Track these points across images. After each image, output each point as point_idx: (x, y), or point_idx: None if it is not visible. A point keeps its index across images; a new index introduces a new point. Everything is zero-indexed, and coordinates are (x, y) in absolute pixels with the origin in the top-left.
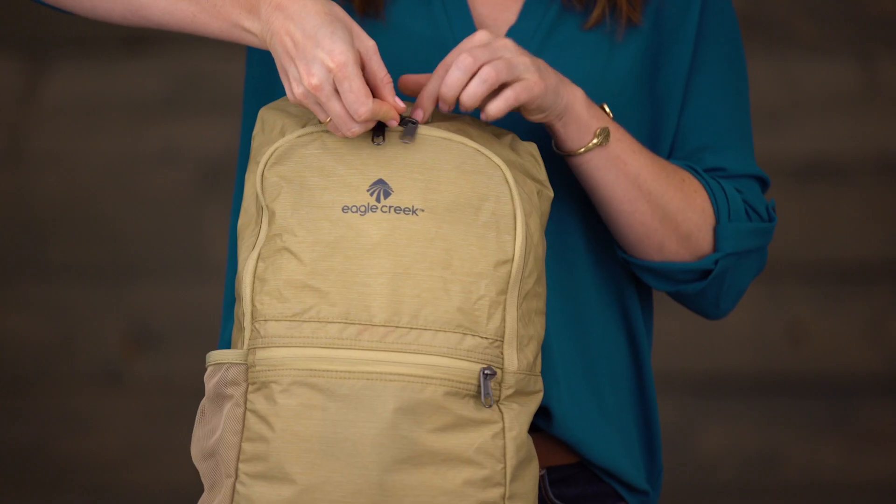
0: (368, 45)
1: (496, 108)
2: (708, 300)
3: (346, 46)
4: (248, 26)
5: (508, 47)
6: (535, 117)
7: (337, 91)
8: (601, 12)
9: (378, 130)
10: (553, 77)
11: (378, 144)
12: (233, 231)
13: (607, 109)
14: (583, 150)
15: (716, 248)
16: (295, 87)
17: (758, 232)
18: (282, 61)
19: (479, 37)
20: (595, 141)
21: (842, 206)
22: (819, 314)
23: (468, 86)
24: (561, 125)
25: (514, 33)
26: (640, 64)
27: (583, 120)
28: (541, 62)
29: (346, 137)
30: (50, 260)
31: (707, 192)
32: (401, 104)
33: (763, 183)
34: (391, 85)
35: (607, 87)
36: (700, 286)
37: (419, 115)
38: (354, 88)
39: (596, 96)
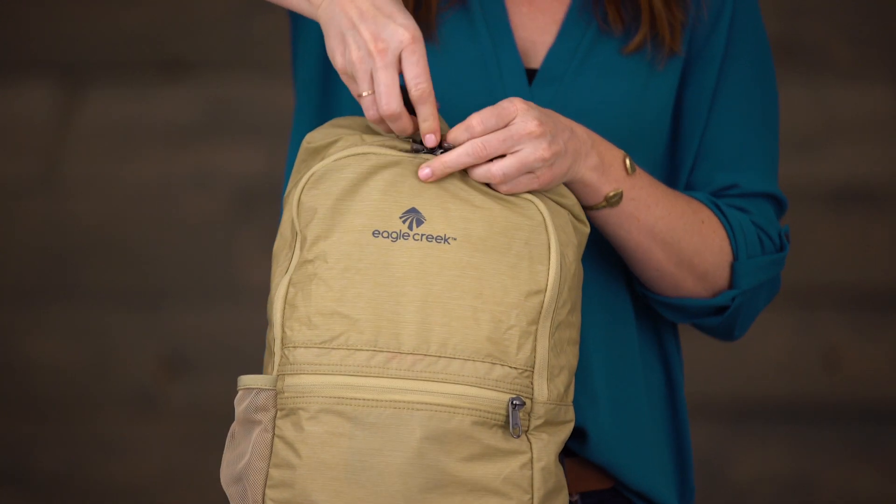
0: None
1: (497, 186)
2: (723, 330)
3: (414, 24)
4: None
5: (534, 136)
6: None
7: (396, 64)
8: (642, 39)
9: (418, 142)
10: (565, 162)
11: (416, 151)
12: None
13: (628, 164)
14: (592, 208)
15: (733, 284)
16: (353, 51)
17: (772, 263)
18: (340, 26)
19: (515, 109)
20: (603, 203)
21: (877, 231)
22: (853, 340)
23: (474, 168)
24: (570, 186)
25: (552, 55)
26: (675, 88)
27: (592, 187)
28: (566, 141)
29: (375, 122)
30: (84, 284)
31: (726, 230)
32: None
33: (779, 204)
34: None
35: (646, 112)
36: (717, 321)
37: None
38: (422, 63)
39: (634, 121)
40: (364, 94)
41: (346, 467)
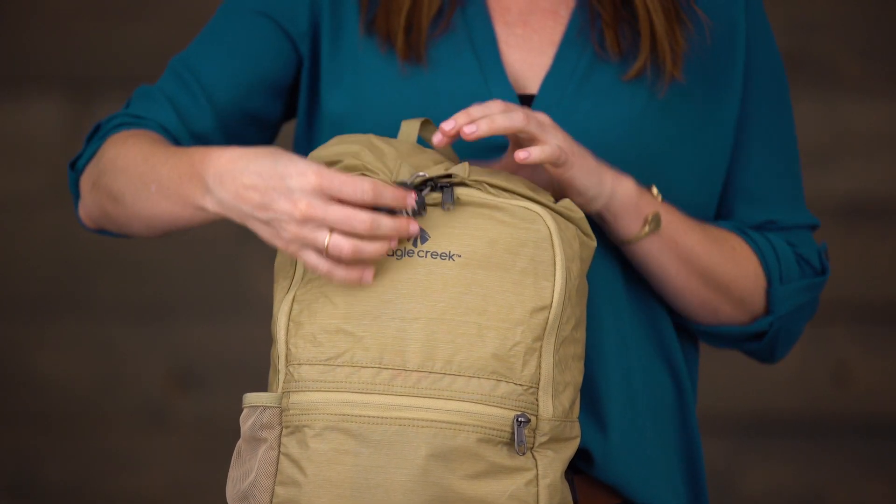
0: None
1: (518, 157)
2: (764, 353)
3: (308, 162)
4: (202, 204)
5: (546, 125)
6: (578, 201)
7: (332, 201)
8: (642, 65)
9: (420, 209)
10: (591, 159)
11: (419, 215)
12: None
13: (655, 192)
14: (636, 238)
15: (769, 310)
16: (286, 229)
17: (810, 287)
18: (256, 216)
19: (545, 118)
20: (647, 229)
21: (887, 245)
22: (865, 355)
23: (479, 121)
24: (610, 216)
25: (549, 80)
26: (681, 116)
27: (631, 208)
28: (583, 149)
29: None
30: (92, 299)
31: (758, 256)
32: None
33: (813, 227)
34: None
35: (645, 138)
36: (758, 346)
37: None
38: (343, 179)
39: (634, 144)
40: (325, 241)
41: (352, 485)
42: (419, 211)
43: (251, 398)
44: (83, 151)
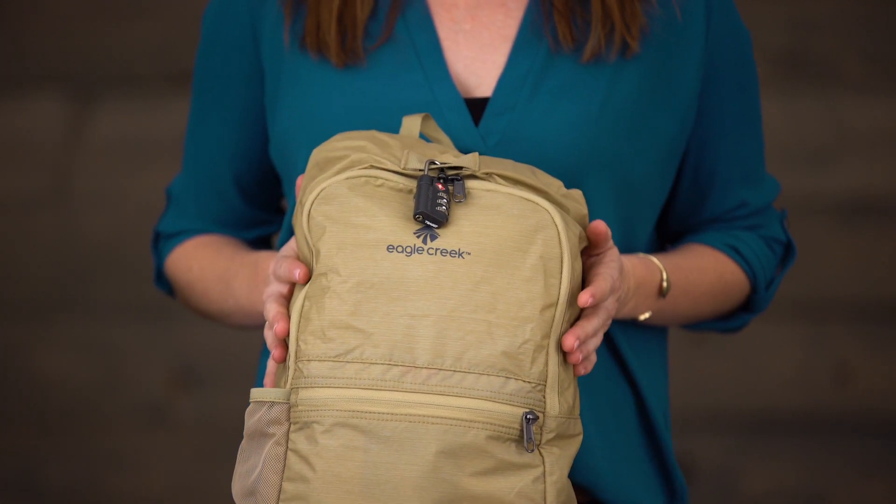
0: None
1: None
2: (734, 331)
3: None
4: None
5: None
6: None
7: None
8: (598, 42)
9: (428, 223)
10: (631, 293)
11: (429, 180)
12: None
13: (665, 287)
14: (634, 322)
15: (752, 309)
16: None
17: (784, 277)
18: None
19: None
20: (643, 319)
21: (888, 244)
22: (865, 353)
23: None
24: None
25: (503, 82)
26: (643, 91)
27: (632, 313)
28: (630, 287)
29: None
30: (93, 298)
31: (747, 273)
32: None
33: (777, 194)
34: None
35: (604, 134)
36: (735, 332)
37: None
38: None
39: (593, 144)
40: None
41: (361, 481)
42: (459, 198)
43: (258, 393)
44: (156, 264)
